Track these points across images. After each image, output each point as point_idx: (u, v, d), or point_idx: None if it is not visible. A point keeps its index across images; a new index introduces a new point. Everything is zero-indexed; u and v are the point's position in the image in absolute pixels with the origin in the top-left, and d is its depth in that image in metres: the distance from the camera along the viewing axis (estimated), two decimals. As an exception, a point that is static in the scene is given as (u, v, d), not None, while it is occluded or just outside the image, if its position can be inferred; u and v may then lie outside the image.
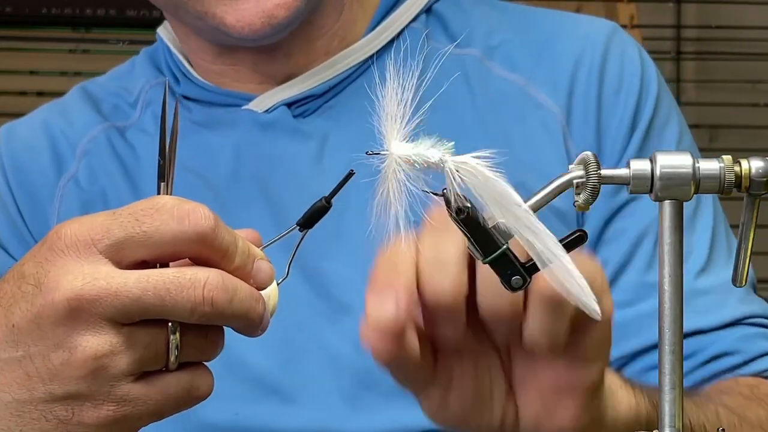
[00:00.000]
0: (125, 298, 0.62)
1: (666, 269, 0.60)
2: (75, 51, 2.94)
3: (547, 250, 0.60)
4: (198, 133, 1.06)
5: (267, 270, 0.68)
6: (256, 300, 0.66)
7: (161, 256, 0.65)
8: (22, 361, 0.64)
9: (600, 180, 0.60)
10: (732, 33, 2.85)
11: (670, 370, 0.60)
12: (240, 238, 0.66)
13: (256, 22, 0.98)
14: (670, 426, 0.60)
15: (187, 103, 1.09)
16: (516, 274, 0.62)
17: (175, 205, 0.64)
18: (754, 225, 0.62)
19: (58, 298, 0.63)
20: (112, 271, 0.63)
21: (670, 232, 0.60)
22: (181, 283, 0.63)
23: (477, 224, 0.61)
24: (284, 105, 1.05)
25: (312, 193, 0.70)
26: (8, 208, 1.08)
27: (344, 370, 0.99)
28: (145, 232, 0.63)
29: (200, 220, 0.64)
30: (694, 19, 2.97)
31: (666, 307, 0.60)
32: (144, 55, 1.15)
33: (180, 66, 1.10)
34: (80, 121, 1.10)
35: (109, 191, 1.07)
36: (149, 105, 1.10)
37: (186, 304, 0.63)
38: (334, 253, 1.00)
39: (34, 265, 0.64)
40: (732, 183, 0.60)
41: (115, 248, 0.63)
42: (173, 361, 0.65)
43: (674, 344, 0.60)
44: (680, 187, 0.60)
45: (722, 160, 0.60)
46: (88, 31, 2.96)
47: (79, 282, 0.63)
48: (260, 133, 1.05)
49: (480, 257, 0.62)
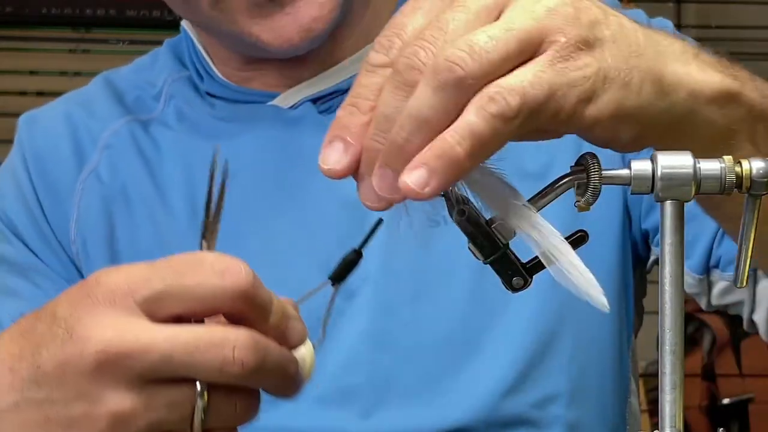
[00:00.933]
0: (154, 354, 0.61)
1: (666, 269, 0.60)
2: (75, 51, 2.95)
3: (552, 247, 0.60)
4: (222, 129, 1.06)
5: (300, 330, 0.66)
6: (289, 361, 0.64)
7: (198, 311, 0.63)
8: (44, 404, 0.63)
9: (601, 180, 0.60)
10: (732, 33, 2.85)
11: (670, 370, 0.60)
12: (275, 297, 0.65)
13: (294, 37, 0.97)
14: (670, 426, 0.60)
15: (210, 99, 1.08)
16: (517, 275, 0.62)
17: (216, 260, 0.63)
18: (755, 226, 0.62)
19: (87, 350, 0.61)
20: (144, 325, 0.62)
21: (671, 233, 0.60)
22: (211, 341, 0.61)
23: (477, 225, 0.61)
24: (309, 101, 1.04)
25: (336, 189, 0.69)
26: (27, 199, 1.07)
27: (357, 369, 0.99)
28: (184, 285, 0.62)
29: (240, 276, 0.62)
30: (694, 19, 2.98)
31: (666, 307, 0.60)
32: (167, 47, 1.14)
33: (204, 64, 1.09)
34: (103, 113, 1.09)
35: (129, 186, 1.06)
36: (172, 98, 1.08)
37: (214, 363, 0.61)
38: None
39: (68, 308, 0.63)
40: (733, 183, 0.60)
41: (152, 300, 0.62)
42: (198, 425, 0.62)
43: (675, 344, 0.60)
44: (681, 187, 0.60)
45: (723, 160, 0.60)
46: (88, 31, 2.97)
47: (109, 335, 0.61)
48: (285, 128, 1.04)
49: (480, 258, 0.62)
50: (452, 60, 0.56)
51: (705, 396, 2.67)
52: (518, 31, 0.58)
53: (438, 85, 0.56)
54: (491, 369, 0.99)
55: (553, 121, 0.59)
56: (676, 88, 0.64)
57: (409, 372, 0.99)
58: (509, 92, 0.57)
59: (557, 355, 1.00)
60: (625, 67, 0.61)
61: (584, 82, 0.59)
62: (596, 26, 0.61)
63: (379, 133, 0.58)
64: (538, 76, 0.58)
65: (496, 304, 1.00)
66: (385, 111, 0.58)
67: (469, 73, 0.56)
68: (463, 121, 0.57)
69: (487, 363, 0.99)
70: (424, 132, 0.57)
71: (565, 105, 0.59)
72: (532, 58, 0.59)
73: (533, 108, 0.58)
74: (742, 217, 0.62)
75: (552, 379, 1.00)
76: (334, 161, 0.59)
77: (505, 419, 0.99)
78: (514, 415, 0.99)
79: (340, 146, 0.59)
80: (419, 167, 0.56)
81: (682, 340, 0.60)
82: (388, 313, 1.00)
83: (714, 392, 2.67)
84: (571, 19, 0.60)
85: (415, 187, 0.56)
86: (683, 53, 0.67)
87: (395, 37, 0.59)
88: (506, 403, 0.99)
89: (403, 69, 0.58)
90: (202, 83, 1.08)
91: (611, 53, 0.61)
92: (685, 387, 0.60)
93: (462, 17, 0.58)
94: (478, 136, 0.57)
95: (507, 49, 0.57)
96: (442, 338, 1.00)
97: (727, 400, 2.64)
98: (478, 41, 0.57)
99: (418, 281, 1.00)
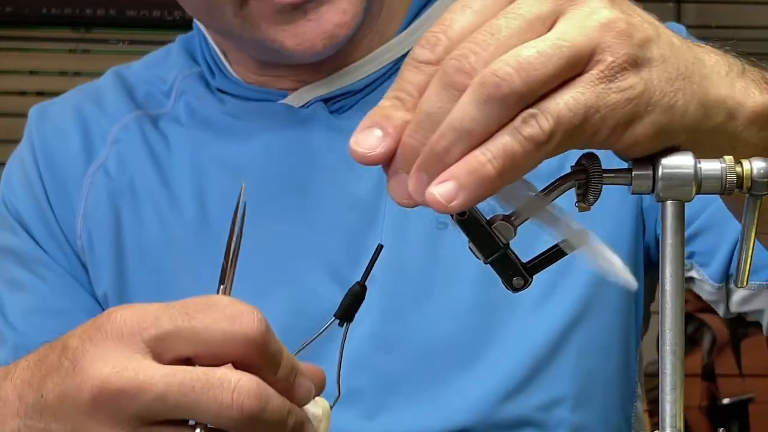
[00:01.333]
0: (150, 393, 0.60)
1: (667, 269, 0.60)
2: (75, 51, 2.95)
3: (574, 233, 0.60)
4: (232, 125, 1.05)
5: (308, 387, 0.65)
6: (290, 414, 0.63)
7: (206, 355, 0.62)
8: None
9: (601, 181, 0.60)
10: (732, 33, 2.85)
11: (671, 371, 0.60)
12: (285, 349, 0.64)
13: (318, 44, 0.96)
14: (671, 426, 0.60)
15: (221, 96, 1.07)
16: (517, 275, 0.62)
17: (229, 305, 0.62)
18: (755, 226, 0.62)
19: (85, 384, 0.61)
20: (145, 363, 0.61)
21: (672, 233, 0.60)
22: (208, 382, 0.61)
23: (478, 225, 0.61)
24: (320, 101, 1.04)
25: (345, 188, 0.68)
26: (35, 191, 1.07)
27: (362, 371, 0.99)
28: (194, 327, 0.62)
29: (252, 323, 0.62)
30: (694, 19, 2.98)
31: (667, 307, 0.60)
32: (179, 42, 1.13)
33: (217, 61, 1.08)
34: (113, 107, 1.09)
35: (137, 181, 1.05)
36: (183, 94, 1.08)
37: (211, 405, 0.60)
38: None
39: (78, 340, 0.63)
40: (734, 183, 0.60)
41: (159, 340, 0.62)
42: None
43: (675, 344, 0.60)
44: (682, 187, 0.59)
45: (724, 160, 0.60)
46: (88, 31, 2.97)
47: (108, 370, 0.61)
48: (296, 127, 1.03)
49: (481, 258, 0.62)
50: (499, 75, 0.55)
51: (705, 396, 2.67)
52: (568, 48, 0.57)
53: (482, 99, 0.55)
54: (496, 371, 0.99)
55: (589, 142, 0.59)
56: (718, 111, 0.63)
57: (414, 373, 0.99)
58: (545, 115, 0.56)
59: (564, 359, 1.00)
60: (671, 90, 0.60)
61: (626, 105, 0.58)
62: (647, 45, 0.59)
63: (419, 131, 0.57)
64: (577, 99, 0.57)
65: (503, 308, 1.00)
66: (429, 110, 0.57)
67: (514, 91, 0.55)
68: (497, 140, 0.56)
69: (493, 365, 0.99)
70: (464, 143, 0.56)
71: (602, 128, 0.58)
72: (580, 74, 0.57)
73: (569, 131, 0.57)
74: (743, 217, 0.62)
75: (558, 382, 1.00)
76: (369, 146, 0.58)
77: (509, 421, 0.99)
78: (519, 417, 0.99)
79: (378, 134, 0.58)
80: (449, 180, 0.56)
81: (683, 340, 0.60)
82: (393, 314, 0.99)
83: (714, 392, 2.67)
84: (622, 36, 0.58)
85: (442, 200, 0.56)
86: (728, 72, 0.65)
87: (442, 34, 0.58)
88: (510, 406, 0.99)
89: (451, 71, 0.57)
90: (214, 79, 1.08)
91: (658, 74, 0.59)
92: (685, 387, 0.60)
93: (515, 25, 0.57)
94: (510, 157, 0.56)
95: (555, 68, 0.56)
96: (448, 340, 1.00)
97: (727, 400, 2.64)
98: (527, 57, 0.56)
99: (424, 283, 1.00)
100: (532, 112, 0.56)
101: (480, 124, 0.56)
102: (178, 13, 2.78)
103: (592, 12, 0.58)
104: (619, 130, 0.58)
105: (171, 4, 1.07)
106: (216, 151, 1.05)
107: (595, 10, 0.58)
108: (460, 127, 0.56)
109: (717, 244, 1.00)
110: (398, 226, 0.99)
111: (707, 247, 1.01)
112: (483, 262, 0.62)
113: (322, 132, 1.02)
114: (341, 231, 1.00)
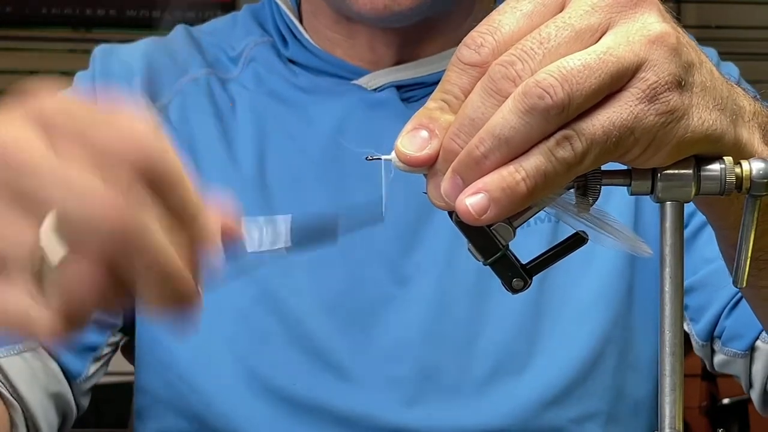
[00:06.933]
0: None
1: (666, 270, 0.60)
2: (75, 51, 2.94)
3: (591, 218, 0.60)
4: (301, 99, 1.06)
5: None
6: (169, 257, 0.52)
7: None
8: None
9: (601, 181, 0.60)
10: (732, 33, 2.85)
11: (670, 372, 0.60)
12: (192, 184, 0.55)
13: (379, 4, 0.98)
14: (670, 427, 0.60)
15: (293, 68, 1.08)
16: (517, 276, 0.62)
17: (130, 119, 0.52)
18: (754, 227, 0.62)
19: None
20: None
21: (671, 233, 0.60)
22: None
23: (477, 226, 0.61)
24: (394, 86, 1.05)
25: (408, 183, 0.67)
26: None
27: (408, 359, 0.99)
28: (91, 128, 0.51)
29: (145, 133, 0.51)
30: (694, 19, 2.97)
31: (666, 308, 0.60)
32: (246, 11, 1.14)
33: (291, 26, 1.09)
34: (183, 58, 1.10)
35: (198, 135, 1.06)
36: (252, 61, 1.09)
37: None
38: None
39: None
40: (733, 184, 0.60)
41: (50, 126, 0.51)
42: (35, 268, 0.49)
43: (674, 345, 0.60)
44: (681, 188, 0.59)
45: (723, 161, 0.60)
46: (88, 31, 2.97)
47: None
48: (366, 109, 1.04)
49: (480, 259, 0.62)
50: (543, 86, 0.54)
51: (705, 396, 2.67)
52: (614, 64, 0.56)
53: (524, 109, 0.55)
54: (538, 379, 1.00)
55: (619, 160, 0.58)
56: (739, 153, 0.62)
57: (456, 369, 1.00)
58: (580, 138, 0.55)
59: (601, 375, 1.02)
60: (710, 119, 0.59)
61: (662, 128, 0.57)
62: (691, 69, 0.59)
63: (461, 134, 0.57)
64: (613, 121, 0.56)
65: (552, 316, 1.01)
66: (472, 114, 0.56)
67: (557, 103, 0.54)
68: (531, 159, 0.55)
69: (536, 372, 1.00)
70: (502, 151, 0.55)
71: (634, 149, 0.57)
72: (622, 88, 0.56)
73: (602, 153, 0.56)
74: (742, 218, 0.62)
75: (594, 397, 1.01)
76: (416, 148, 0.57)
77: (543, 430, 1.00)
78: (553, 427, 1.00)
79: (425, 135, 0.57)
80: (481, 192, 0.55)
81: (682, 341, 0.60)
82: (443, 307, 1.00)
83: (714, 392, 2.67)
84: (670, 54, 0.57)
85: (473, 212, 0.55)
86: (752, 118, 0.65)
87: (489, 35, 0.57)
88: (547, 415, 1.00)
89: (497, 77, 0.56)
90: (286, 49, 1.09)
91: (698, 101, 0.58)
92: (685, 387, 0.60)
93: (565, 35, 0.56)
94: (542, 176, 0.55)
95: (599, 82, 0.55)
96: (494, 341, 1.00)
97: (727, 400, 2.64)
98: (572, 69, 0.55)
99: (478, 280, 1.00)
100: (568, 134, 0.55)
101: (519, 133, 0.55)
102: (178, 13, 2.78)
103: (642, 27, 0.57)
104: (650, 152, 0.58)
105: (171, 4, 1.07)
106: (282, 120, 1.06)
107: (646, 24, 0.57)
108: (500, 135, 0.55)
109: (709, 303, 1.01)
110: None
111: (699, 303, 1.02)
112: (482, 264, 0.62)
113: (391, 118, 1.02)
114: (398, 222, 1.01)
